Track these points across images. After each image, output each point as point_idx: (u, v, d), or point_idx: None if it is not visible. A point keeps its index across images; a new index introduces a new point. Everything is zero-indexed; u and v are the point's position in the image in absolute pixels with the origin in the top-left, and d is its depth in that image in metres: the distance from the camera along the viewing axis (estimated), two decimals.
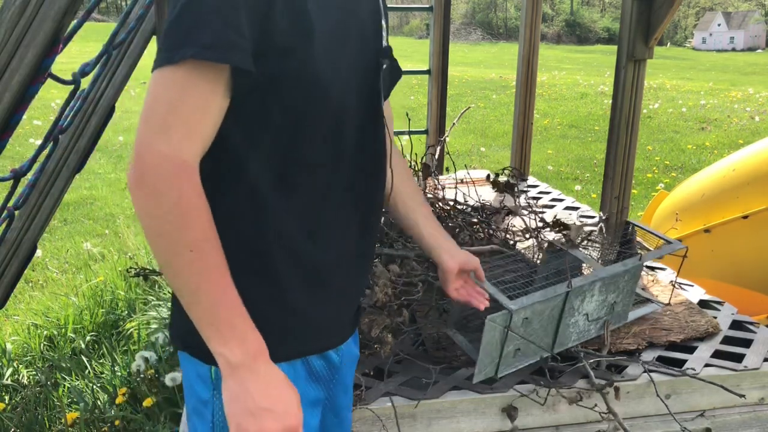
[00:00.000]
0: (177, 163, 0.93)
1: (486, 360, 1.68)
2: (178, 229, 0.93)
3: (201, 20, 0.91)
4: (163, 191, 0.92)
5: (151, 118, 0.93)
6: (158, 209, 0.92)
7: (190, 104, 0.94)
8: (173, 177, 0.92)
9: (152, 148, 0.92)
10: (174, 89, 0.93)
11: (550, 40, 58.95)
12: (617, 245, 2.13)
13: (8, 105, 1.29)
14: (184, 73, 0.93)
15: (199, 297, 0.95)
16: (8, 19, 1.24)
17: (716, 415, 1.84)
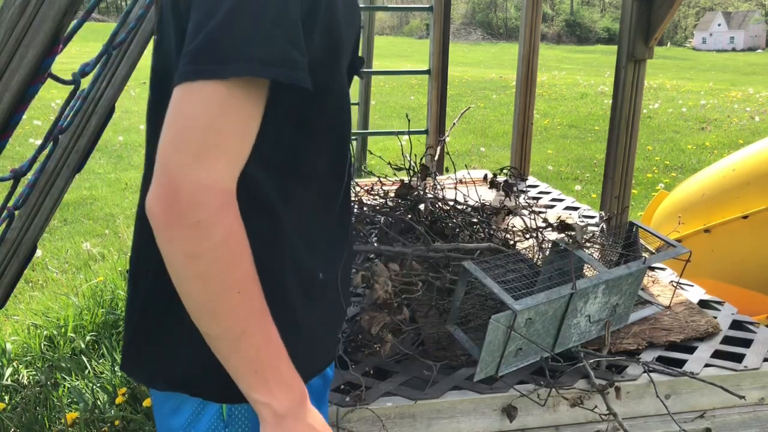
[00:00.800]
0: (221, 194, 0.80)
1: (488, 359, 1.68)
2: (227, 269, 0.82)
3: (259, 31, 0.79)
4: (209, 226, 0.79)
5: (185, 143, 0.79)
6: (202, 248, 0.80)
7: (232, 126, 0.82)
8: (220, 210, 0.80)
9: (191, 178, 0.78)
10: (213, 108, 0.80)
11: (550, 40, 58.96)
12: (620, 247, 2.13)
13: (8, 105, 1.29)
14: (227, 91, 0.80)
15: (244, 344, 0.85)
16: (8, 19, 1.24)
17: (716, 416, 1.84)
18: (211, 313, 0.84)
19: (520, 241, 2.45)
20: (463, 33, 58.18)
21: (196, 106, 0.80)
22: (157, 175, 0.80)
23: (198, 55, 0.79)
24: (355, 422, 1.65)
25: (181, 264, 0.81)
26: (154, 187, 0.80)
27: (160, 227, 0.81)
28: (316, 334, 1.06)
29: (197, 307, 0.84)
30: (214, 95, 0.80)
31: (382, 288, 1.77)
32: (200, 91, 0.79)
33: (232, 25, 0.79)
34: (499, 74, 20.31)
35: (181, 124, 0.80)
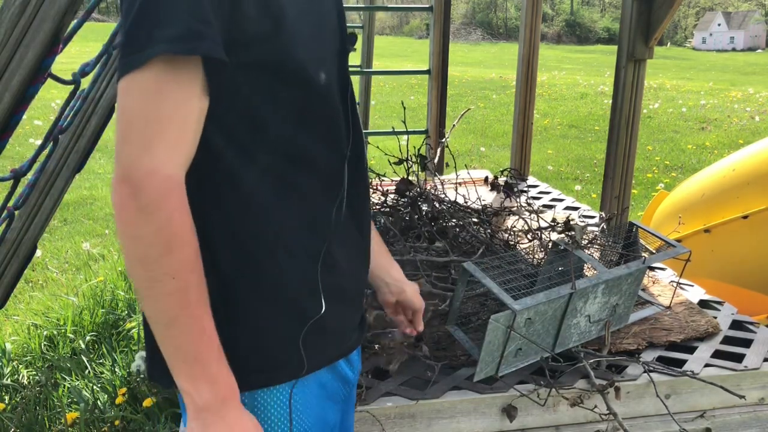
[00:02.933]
0: (165, 180, 0.86)
1: (488, 359, 1.68)
2: (164, 253, 0.86)
3: (163, 15, 0.85)
4: (152, 211, 0.85)
5: (130, 135, 0.86)
6: (144, 230, 0.85)
7: (168, 112, 0.87)
8: (163, 196, 0.86)
9: (137, 165, 0.85)
10: (148, 97, 0.86)
11: (550, 40, 58.96)
12: (620, 247, 2.13)
13: (8, 105, 1.29)
14: (154, 77, 0.85)
15: (175, 330, 0.88)
16: (8, 19, 1.24)
17: (716, 416, 1.84)
18: (146, 295, 0.88)
19: (520, 242, 2.45)
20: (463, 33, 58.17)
21: (131, 99, 0.86)
22: (116, 164, 0.87)
23: (122, 49, 0.86)
24: (355, 422, 1.65)
25: (128, 245, 0.87)
26: (114, 175, 0.87)
27: (115, 209, 0.87)
28: (325, 316, 1.04)
29: (137, 288, 0.89)
30: (144, 84, 0.85)
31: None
32: (132, 82, 0.86)
33: (142, 16, 0.85)
34: (499, 74, 20.31)
35: (125, 117, 0.87)
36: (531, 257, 2.15)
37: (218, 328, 0.92)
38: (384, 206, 2.46)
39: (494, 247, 2.34)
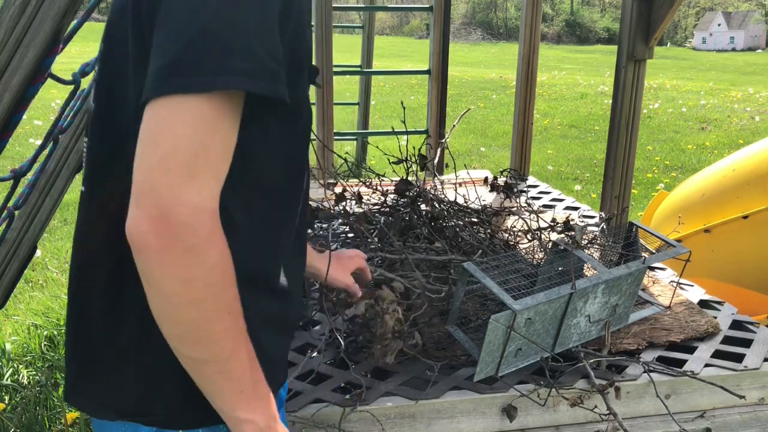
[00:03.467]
0: (213, 216, 0.78)
1: (488, 359, 1.69)
2: (220, 292, 0.80)
3: (239, 44, 0.76)
4: (204, 249, 0.77)
5: (174, 164, 0.75)
6: (196, 272, 0.77)
7: (217, 144, 0.79)
8: (212, 232, 0.78)
9: (182, 200, 0.75)
10: (202, 127, 0.77)
11: (550, 40, 58.96)
12: (620, 247, 2.13)
13: (8, 105, 1.29)
14: (215, 107, 0.77)
15: (232, 364, 0.84)
16: (8, 19, 1.24)
17: (716, 416, 1.84)
18: (202, 337, 0.81)
19: (520, 242, 2.45)
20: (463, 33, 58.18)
21: (184, 124, 0.76)
22: (143, 199, 0.76)
23: (179, 67, 0.76)
24: (355, 422, 1.65)
25: (175, 290, 0.78)
26: (140, 212, 0.76)
27: (150, 253, 0.76)
28: (274, 351, 1.02)
29: (187, 332, 0.81)
30: (201, 110, 0.76)
31: (392, 317, 1.75)
32: (186, 105, 0.76)
33: (214, 37, 0.76)
34: (499, 74, 20.31)
35: (170, 143, 0.76)
36: (531, 257, 2.15)
37: None
38: (384, 206, 2.46)
39: (494, 247, 2.34)
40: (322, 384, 1.75)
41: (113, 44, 0.93)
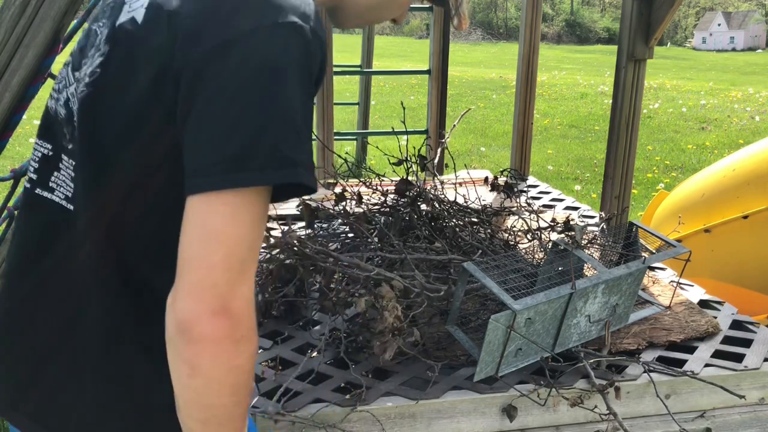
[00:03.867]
0: (254, 307, 0.84)
1: (488, 359, 1.69)
2: (251, 376, 0.86)
3: (287, 137, 0.81)
4: (250, 338, 0.83)
5: (234, 261, 0.80)
6: (241, 359, 0.82)
7: (261, 235, 0.84)
8: (255, 323, 0.84)
9: (239, 294, 0.80)
10: (254, 224, 0.82)
11: (551, 40, 58.95)
12: (620, 247, 2.13)
13: (8, 105, 1.30)
14: (261, 203, 0.82)
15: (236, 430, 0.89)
16: (8, 19, 1.24)
17: (716, 415, 1.84)
18: (227, 420, 0.85)
19: (520, 242, 2.45)
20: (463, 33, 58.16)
21: (244, 223, 0.81)
22: (205, 294, 0.79)
23: (238, 163, 0.79)
24: (355, 422, 1.65)
25: (220, 377, 0.81)
26: (202, 306, 0.79)
27: (205, 344, 0.79)
28: None
29: (215, 416, 0.84)
30: (255, 207, 0.81)
31: (391, 314, 1.75)
32: (245, 202, 0.80)
33: (269, 133, 0.80)
34: (499, 74, 20.30)
35: (232, 243, 0.80)
36: (531, 257, 2.15)
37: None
38: (384, 206, 2.46)
39: (494, 247, 2.34)
40: (322, 384, 1.75)
41: (120, 60, 0.91)
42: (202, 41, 0.83)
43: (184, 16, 0.86)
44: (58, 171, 0.97)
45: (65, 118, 0.97)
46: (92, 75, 0.92)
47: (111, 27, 0.94)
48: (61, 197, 0.96)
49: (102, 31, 0.96)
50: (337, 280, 2.04)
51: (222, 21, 0.84)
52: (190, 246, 0.80)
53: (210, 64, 0.82)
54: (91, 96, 0.92)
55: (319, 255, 2.00)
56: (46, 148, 1.00)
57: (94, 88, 0.92)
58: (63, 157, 0.97)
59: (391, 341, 1.77)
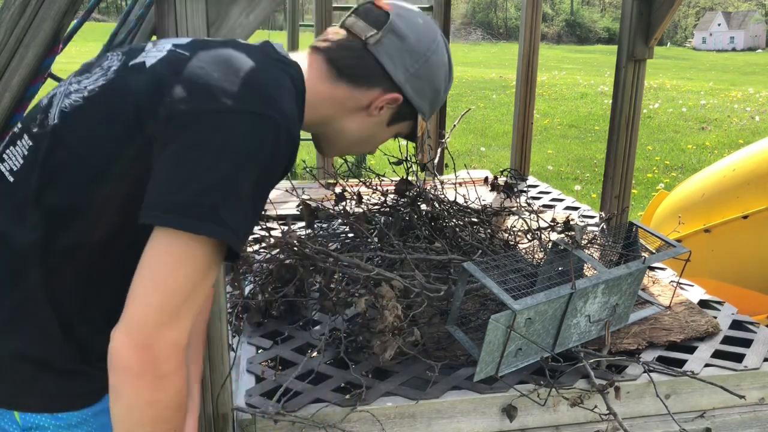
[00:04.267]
0: (184, 349, 0.91)
1: (488, 359, 1.68)
2: (176, 413, 0.94)
3: (243, 204, 0.92)
4: (171, 378, 0.91)
5: (169, 306, 0.89)
6: (160, 395, 0.90)
7: (206, 287, 0.93)
8: (181, 364, 0.91)
9: (164, 337, 0.89)
10: (201, 272, 0.91)
11: (551, 39, 58.95)
12: (620, 247, 2.13)
13: (8, 105, 1.29)
14: (209, 256, 0.91)
15: None
16: (8, 19, 1.24)
17: (716, 415, 1.84)
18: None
19: (520, 242, 2.45)
20: (463, 33, 58.17)
21: (184, 270, 0.89)
22: (134, 330, 0.88)
23: (198, 210, 0.89)
24: (355, 422, 1.65)
25: (139, 408, 0.90)
26: (128, 339, 0.88)
27: (127, 375, 0.89)
28: None
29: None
30: (199, 260, 0.90)
31: (392, 313, 1.75)
32: (189, 250, 0.89)
33: (228, 192, 0.90)
34: (499, 74, 20.30)
35: (171, 289, 0.89)
36: (531, 257, 2.15)
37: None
38: (384, 206, 2.46)
39: (494, 247, 2.34)
40: (322, 384, 1.75)
41: (117, 91, 1.02)
42: (189, 103, 0.95)
43: (184, 78, 0.98)
44: (14, 146, 1.06)
45: (44, 106, 1.06)
46: (91, 92, 1.02)
47: (124, 63, 1.05)
48: (6, 169, 1.05)
49: (115, 62, 1.07)
50: (337, 280, 2.04)
51: (210, 95, 0.95)
52: (139, 281, 0.90)
53: (188, 125, 0.93)
54: (82, 107, 1.02)
55: (319, 255, 2.00)
56: (18, 128, 1.10)
57: (87, 102, 1.02)
58: (24, 136, 1.06)
59: (391, 341, 1.77)
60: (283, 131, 0.96)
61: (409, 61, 1.17)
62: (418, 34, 1.18)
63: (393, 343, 1.77)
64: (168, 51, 1.05)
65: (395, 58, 1.16)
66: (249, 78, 0.99)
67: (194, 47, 1.06)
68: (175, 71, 1.00)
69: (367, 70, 1.16)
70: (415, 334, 1.82)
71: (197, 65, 1.00)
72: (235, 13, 1.35)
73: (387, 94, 1.18)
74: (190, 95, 0.96)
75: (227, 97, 0.95)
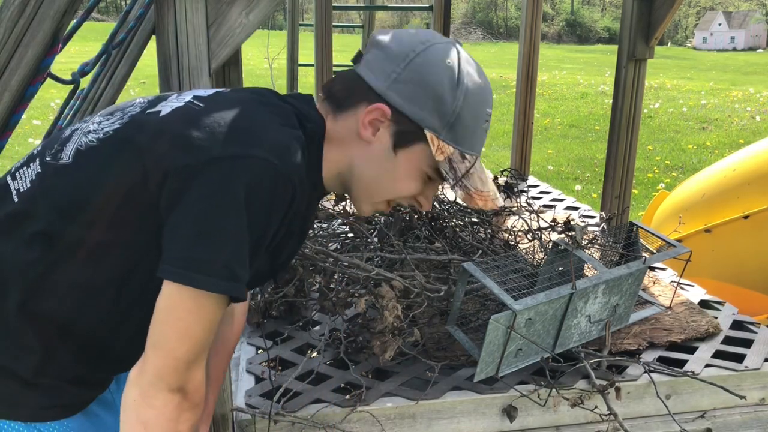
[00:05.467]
0: (203, 383, 1.04)
1: (488, 359, 1.68)
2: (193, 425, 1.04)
3: (238, 258, 0.98)
4: (196, 410, 1.03)
5: (190, 351, 0.99)
6: (187, 427, 1.02)
7: (212, 334, 1.02)
8: (203, 394, 1.04)
9: (192, 378, 1.00)
10: (211, 323, 1.00)
11: (551, 39, 58.95)
12: (620, 247, 2.12)
13: (8, 105, 1.29)
14: (216, 306, 0.99)
15: None
16: (7, 18, 1.24)
17: (717, 416, 1.84)
18: None
19: (520, 242, 2.44)
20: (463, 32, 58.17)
21: (202, 321, 0.98)
22: (168, 375, 0.98)
23: (209, 266, 0.96)
24: (355, 422, 1.65)
25: (162, 426, 0.99)
26: (162, 383, 0.98)
27: (164, 410, 0.98)
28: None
29: None
30: (211, 310, 0.99)
31: (391, 314, 1.75)
32: (209, 302, 0.98)
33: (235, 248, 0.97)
34: (499, 74, 20.29)
35: (193, 338, 0.99)
36: (531, 257, 2.15)
37: None
38: None
39: (494, 247, 2.33)
40: (322, 384, 1.75)
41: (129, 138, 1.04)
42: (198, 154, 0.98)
43: (189, 131, 1.01)
44: (27, 167, 1.09)
45: (63, 138, 1.10)
46: (106, 134, 1.06)
47: (144, 110, 1.09)
48: (15, 188, 1.08)
49: (136, 108, 1.10)
50: (337, 280, 2.04)
51: (219, 141, 0.99)
52: (162, 331, 0.98)
53: (197, 176, 0.97)
54: (95, 148, 1.05)
55: (319, 255, 2.00)
56: (37, 150, 1.13)
57: (100, 144, 1.05)
58: (37, 160, 1.09)
59: (391, 341, 1.77)
60: (280, 170, 0.98)
61: (389, 66, 1.05)
62: (400, 41, 1.07)
63: (393, 343, 1.77)
64: (185, 103, 1.07)
65: (374, 68, 1.06)
66: (255, 127, 1.01)
67: (211, 99, 1.08)
68: (184, 123, 1.02)
69: (352, 89, 1.08)
70: (415, 335, 1.82)
71: (205, 118, 1.03)
72: (234, 13, 1.34)
73: (369, 105, 1.06)
74: (191, 148, 0.99)
75: (229, 145, 0.98)
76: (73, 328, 1.07)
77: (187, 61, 1.36)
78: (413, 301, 1.92)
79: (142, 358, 0.99)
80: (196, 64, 1.37)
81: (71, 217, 1.02)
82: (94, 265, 1.04)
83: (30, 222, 1.03)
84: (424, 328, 1.95)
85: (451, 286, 1.97)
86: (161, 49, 1.36)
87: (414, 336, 1.82)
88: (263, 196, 0.97)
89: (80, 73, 1.49)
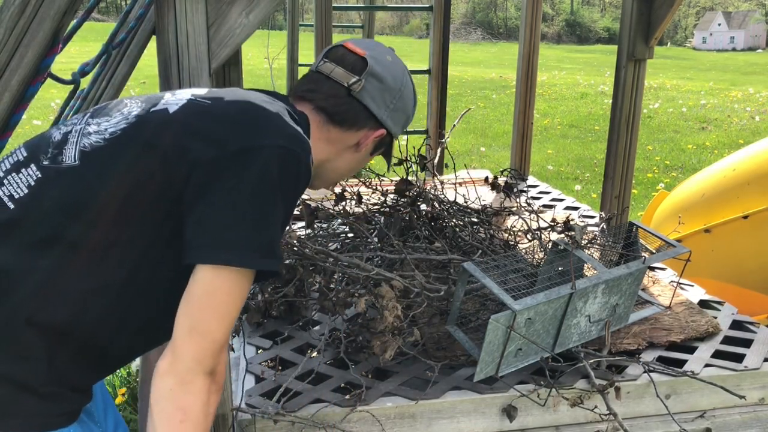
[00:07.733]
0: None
1: (488, 359, 1.68)
2: (213, 416, 1.08)
3: (275, 236, 1.06)
4: (220, 390, 1.06)
5: (225, 333, 1.03)
6: (215, 406, 1.05)
7: (241, 303, 1.06)
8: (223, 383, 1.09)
9: (223, 360, 1.05)
10: (243, 297, 1.05)
11: (551, 39, 58.94)
12: (620, 247, 2.12)
13: (8, 105, 1.29)
14: (249, 277, 1.04)
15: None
16: (8, 18, 1.24)
17: (716, 416, 1.84)
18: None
19: (520, 242, 2.44)
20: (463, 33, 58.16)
21: (237, 302, 1.04)
22: (206, 360, 1.01)
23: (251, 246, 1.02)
24: (355, 422, 1.65)
25: (199, 419, 1.02)
26: (200, 367, 1.01)
27: (197, 395, 1.01)
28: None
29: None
30: (244, 279, 1.03)
31: (391, 314, 1.75)
32: (246, 282, 1.04)
33: (264, 228, 1.04)
34: (499, 74, 20.29)
35: (228, 319, 1.03)
36: (531, 257, 2.15)
37: None
38: (383, 206, 2.46)
39: (494, 247, 2.33)
40: (322, 384, 1.75)
41: (141, 134, 1.09)
42: (223, 146, 1.05)
43: (209, 124, 1.08)
44: (18, 173, 1.10)
45: (57, 142, 1.12)
46: (112, 134, 1.09)
47: (146, 109, 1.12)
48: (6, 194, 1.08)
49: (134, 107, 1.14)
50: (336, 280, 2.04)
51: (242, 133, 1.06)
52: (201, 317, 1.01)
53: (228, 167, 1.03)
54: (103, 148, 1.08)
55: (319, 255, 2.00)
56: (23, 156, 1.13)
57: (109, 143, 1.08)
58: (31, 166, 1.10)
59: (391, 341, 1.77)
60: (303, 160, 1.10)
61: (388, 98, 1.32)
62: (392, 73, 1.33)
63: (393, 343, 1.77)
64: (188, 100, 1.13)
65: (377, 99, 1.31)
66: (270, 118, 1.11)
67: (213, 95, 1.15)
68: (200, 118, 1.09)
69: (355, 114, 1.30)
70: (415, 335, 1.82)
71: (219, 112, 1.10)
72: (234, 13, 1.35)
73: (374, 131, 1.33)
74: (215, 141, 1.05)
75: (254, 136, 1.06)
76: (74, 332, 1.07)
77: (187, 61, 1.36)
78: (413, 301, 1.92)
79: (171, 348, 1.01)
80: (196, 64, 1.37)
81: (78, 217, 1.03)
82: (95, 267, 1.04)
83: (32, 228, 1.03)
84: (424, 328, 1.95)
85: (451, 286, 1.97)
86: (161, 49, 1.37)
87: (414, 336, 1.82)
88: (291, 180, 1.08)
89: (80, 73, 1.49)
